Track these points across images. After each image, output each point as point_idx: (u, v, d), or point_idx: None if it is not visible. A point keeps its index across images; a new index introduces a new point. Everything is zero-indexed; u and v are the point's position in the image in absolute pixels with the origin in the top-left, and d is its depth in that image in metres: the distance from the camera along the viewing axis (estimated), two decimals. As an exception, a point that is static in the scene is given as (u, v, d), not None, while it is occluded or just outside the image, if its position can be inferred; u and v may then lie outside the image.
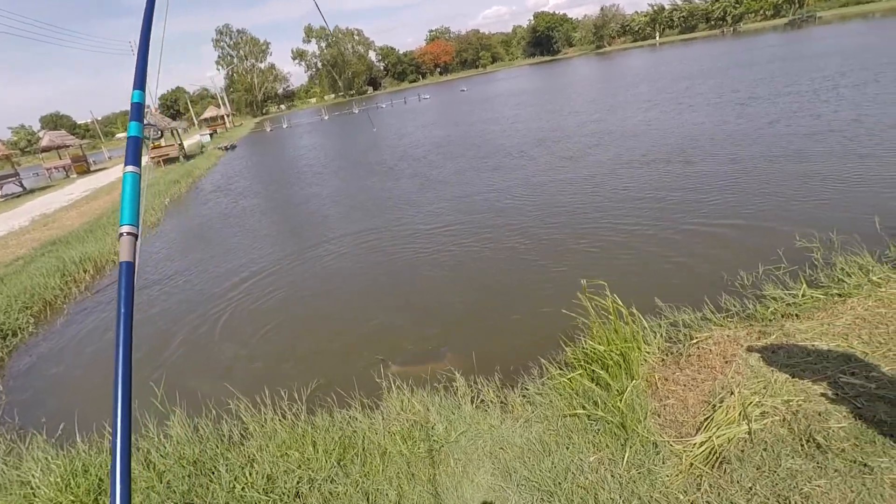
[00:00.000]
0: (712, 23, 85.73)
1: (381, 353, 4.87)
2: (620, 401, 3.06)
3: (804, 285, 4.17)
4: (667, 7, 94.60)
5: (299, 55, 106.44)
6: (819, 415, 2.77)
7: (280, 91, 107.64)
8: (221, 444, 3.47)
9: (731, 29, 77.21)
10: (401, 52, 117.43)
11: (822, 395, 2.94)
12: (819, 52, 26.23)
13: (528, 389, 3.54)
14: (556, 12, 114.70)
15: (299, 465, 3.13)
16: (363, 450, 3.16)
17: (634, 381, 3.21)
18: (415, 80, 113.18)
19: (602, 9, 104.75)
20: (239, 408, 3.82)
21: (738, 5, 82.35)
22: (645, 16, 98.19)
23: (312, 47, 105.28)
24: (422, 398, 3.61)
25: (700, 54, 42.35)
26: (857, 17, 53.68)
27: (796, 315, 3.85)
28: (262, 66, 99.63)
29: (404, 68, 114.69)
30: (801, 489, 2.39)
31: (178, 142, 31.24)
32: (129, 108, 1.22)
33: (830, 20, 58.08)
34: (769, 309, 4.00)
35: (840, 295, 4.01)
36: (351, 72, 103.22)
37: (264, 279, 7.75)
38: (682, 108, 16.10)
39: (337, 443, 3.23)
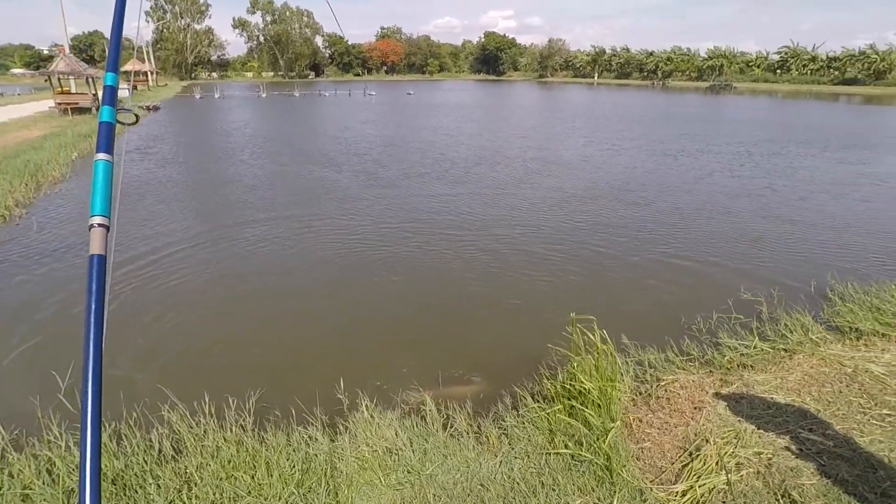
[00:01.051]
0: (645, 74, 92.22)
1: (340, 364, 4.51)
2: (605, 441, 2.99)
3: (756, 338, 4.40)
4: (607, 52, 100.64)
5: (241, 24, 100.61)
6: (791, 470, 2.86)
7: (214, 58, 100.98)
8: (151, 459, 2.97)
9: (662, 83, 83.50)
10: (349, 42, 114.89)
11: (787, 448, 3.05)
12: (736, 119, 29.02)
13: (504, 421, 3.38)
14: (506, 35, 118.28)
15: (249, 492, 2.73)
16: (327, 477, 2.83)
17: (616, 423, 3.16)
18: (359, 74, 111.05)
19: (550, 40, 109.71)
20: (172, 416, 3.32)
21: (668, 63, 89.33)
22: (587, 55, 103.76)
23: (257, 19, 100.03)
24: (390, 421, 3.33)
25: (634, 101, 45.35)
26: (765, 94, 60.21)
27: (752, 366, 4.04)
28: (198, 27, 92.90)
29: (350, 60, 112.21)
30: (783, 547, 2.43)
31: (92, 91, 28.09)
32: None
33: (743, 91, 64.62)
34: (726, 357, 4.17)
35: (786, 350, 4.27)
36: (294, 53, 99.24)
37: (188, 254, 7.03)
38: (616, 150, 17.00)
39: (296, 467, 2.87)
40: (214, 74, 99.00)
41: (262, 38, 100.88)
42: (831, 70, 72.64)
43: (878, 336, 4.41)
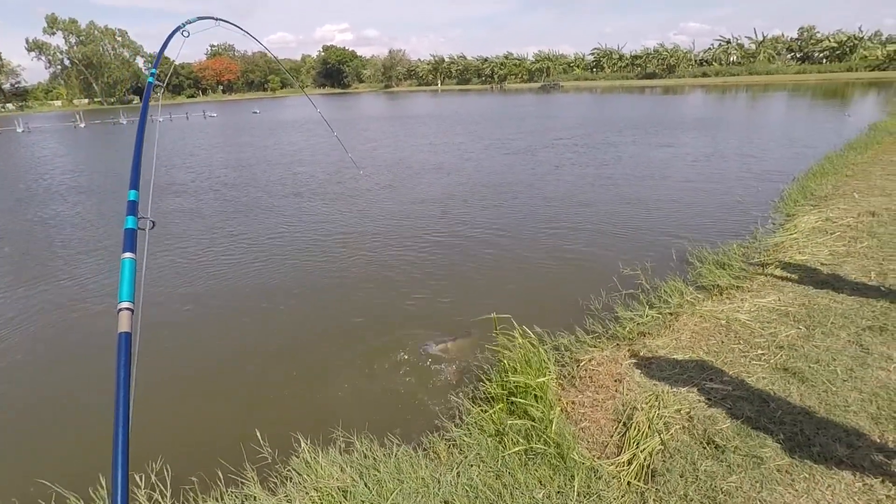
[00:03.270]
0: (483, 78, 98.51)
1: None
2: (551, 430, 3.09)
3: (646, 307, 4.91)
4: (446, 60, 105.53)
5: (38, 47, 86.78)
6: (708, 419, 3.23)
7: (6, 86, 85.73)
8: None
9: (500, 86, 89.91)
10: (176, 62, 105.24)
11: (699, 401, 3.44)
12: (568, 115, 32.33)
13: (449, 432, 3.33)
14: (346, 48, 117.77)
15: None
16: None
17: (556, 410, 3.29)
18: (193, 96, 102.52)
19: (390, 51, 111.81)
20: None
21: (503, 68, 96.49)
22: (428, 64, 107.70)
23: (58, 41, 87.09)
24: (333, 458, 3.08)
25: (477, 104, 48.15)
26: (587, 90, 68.02)
27: (649, 333, 4.49)
28: (-24, 53, 78.13)
29: (181, 81, 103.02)
30: (722, 488, 2.72)
31: None
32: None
33: (569, 89, 72.29)
34: (626, 328, 4.58)
35: (671, 314, 4.82)
36: (111, 77, 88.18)
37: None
38: (469, 151, 17.91)
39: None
40: (10, 105, 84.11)
41: (67, 62, 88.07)
42: (635, 66, 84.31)
43: (734, 289, 5.19)
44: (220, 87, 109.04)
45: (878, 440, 2.93)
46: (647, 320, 4.69)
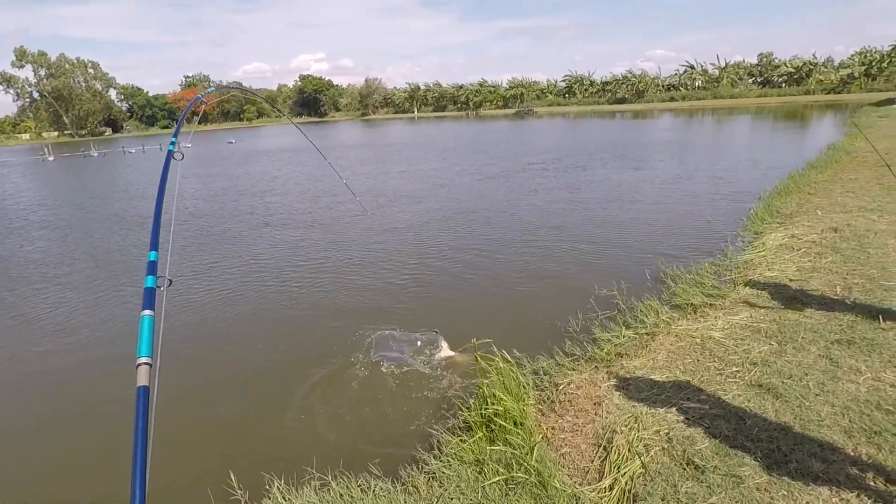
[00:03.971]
0: (459, 105, 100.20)
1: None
2: (532, 458, 3.05)
3: (623, 328, 4.94)
4: (422, 87, 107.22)
5: (6, 80, 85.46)
6: (687, 439, 3.23)
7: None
8: None
9: (475, 112, 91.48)
10: (150, 94, 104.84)
11: (678, 421, 3.45)
12: (542, 141, 32.99)
13: (428, 465, 3.25)
14: (322, 77, 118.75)
15: None
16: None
17: (535, 436, 3.25)
18: (167, 127, 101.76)
19: (366, 80, 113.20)
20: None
21: (478, 94, 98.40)
22: (404, 92, 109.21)
23: (27, 73, 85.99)
24: (308, 499, 2.98)
25: (453, 131, 48.84)
26: (560, 115, 69.65)
27: (626, 354, 4.51)
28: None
29: (154, 112, 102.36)
30: (703, 510, 2.70)
31: None
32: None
33: (543, 115, 73.93)
34: (604, 350, 4.60)
35: (647, 333, 4.86)
36: (83, 109, 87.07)
37: None
38: (446, 178, 18.10)
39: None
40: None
41: (36, 95, 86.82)
42: (606, 92, 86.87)
43: (707, 307, 5.27)
44: (196, 119, 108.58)
45: (852, 453, 2.96)
46: (624, 341, 4.72)
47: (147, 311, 1.55)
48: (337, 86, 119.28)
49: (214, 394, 4.92)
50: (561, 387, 4.05)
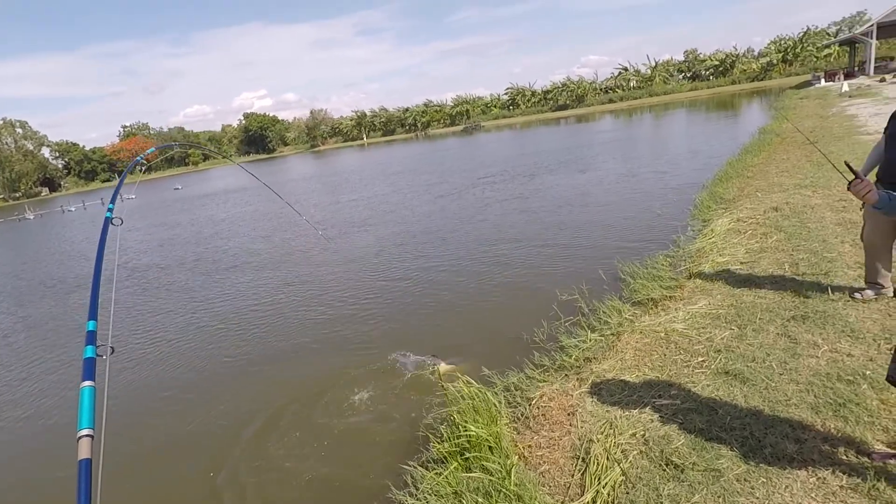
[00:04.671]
0: (407, 127, 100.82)
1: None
2: (510, 482, 2.93)
3: (588, 331, 4.92)
4: (368, 114, 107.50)
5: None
6: (663, 438, 3.18)
7: None
8: None
9: (424, 133, 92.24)
10: (86, 147, 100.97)
11: (652, 420, 3.41)
12: (489, 154, 33.48)
13: None
14: (266, 113, 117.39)
15: None
16: None
17: (511, 458, 3.14)
18: (109, 179, 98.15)
19: (312, 112, 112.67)
20: None
21: (424, 115, 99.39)
22: (351, 119, 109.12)
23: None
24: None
25: (403, 153, 49.00)
26: (507, 127, 71.05)
27: (595, 358, 4.47)
28: None
29: (93, 166, 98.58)
30: (687, 511, 2.64)
31: None
32: None
33: (490, 129, 75.22)
34: (572, 357, 4.55)
35: (613, 334, 4.86)
36: (14, 171, 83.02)
37: None
38: (394, 200, 18.05)
39: None
40: None
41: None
42: (548, 100, 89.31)
43: (667, 300, 5.32)
44: (141, 169, 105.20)
45: (822, 430, 2.98)
46: (590, 345, 4.69)
47: (87, 382, 1.51)
48: (283, 120, 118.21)
49: (164, 459, 4.59)
50: (534, 401, 3.96)
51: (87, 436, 1.35)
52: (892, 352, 2.55)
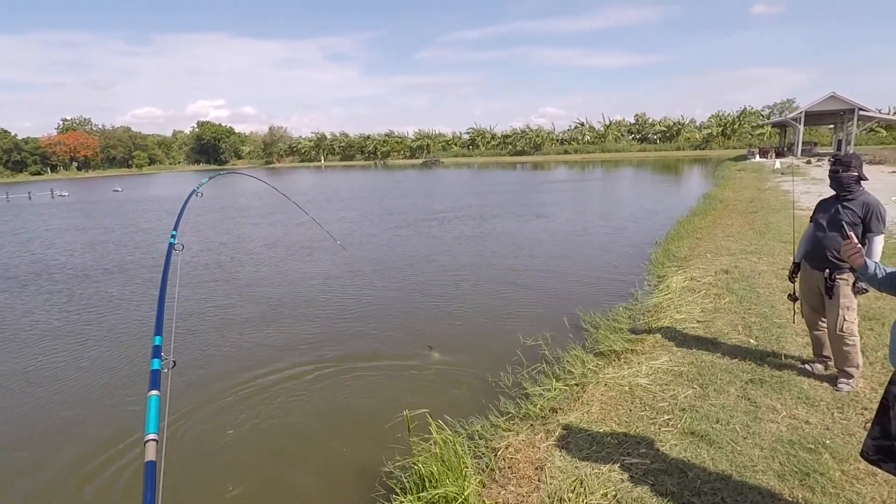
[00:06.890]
0: (367, 155, 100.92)
1: None
2: (480, 543, 2.73)
3: (553, 380, 4.85)
4: (328, 137, 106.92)
5: None
6: (635, 501, 3.09)
7: None
8: None
9: (383, 162, 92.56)
10: (18, 136, 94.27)
11: (622, 480, 3.32)
12: (452, 192, 33.85)
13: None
14: (222, 124, 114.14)
15: None
16: None
17: (481, 515, 2.94)
18: (39, 173, 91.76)
19: (271, 128, 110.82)
20: None
21: (385, 144, 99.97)
22: (310, 140, 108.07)
23: None
24: None
25: (360, 181, 48.77)
26: (466, 166, 72.52)
27: (560, 408, 4.38)
28: None
29: (24, 157, 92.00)
30: (664, 583, 2.53)
31: None
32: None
33: (449, 165, 76.57)
34: (538, 406, 4.44)
35: (577, 385, 4.80)
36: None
37: None
38: (350, 232, 17.79)
39: None
40: None
41: None
42: (507, 144, 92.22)
43: (630, 353, 5.36)
44: (75, 164, 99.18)
45: (790, 498, 2.98)
46: (556, 394, 4.61)
47: (153, 392, 1.65)
48: (239, 133, 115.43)
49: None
50: (500, 451, 3.80)
51: (153, 440, 1.47)
52: (865, 427, 2.60)
